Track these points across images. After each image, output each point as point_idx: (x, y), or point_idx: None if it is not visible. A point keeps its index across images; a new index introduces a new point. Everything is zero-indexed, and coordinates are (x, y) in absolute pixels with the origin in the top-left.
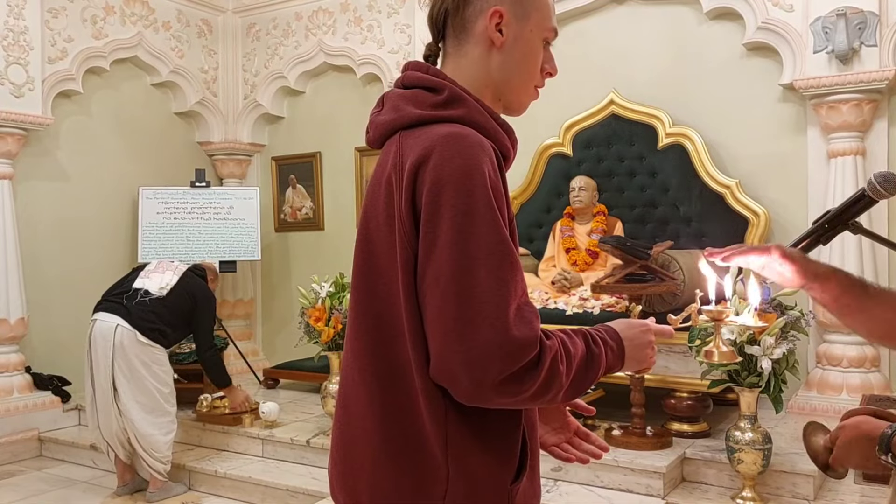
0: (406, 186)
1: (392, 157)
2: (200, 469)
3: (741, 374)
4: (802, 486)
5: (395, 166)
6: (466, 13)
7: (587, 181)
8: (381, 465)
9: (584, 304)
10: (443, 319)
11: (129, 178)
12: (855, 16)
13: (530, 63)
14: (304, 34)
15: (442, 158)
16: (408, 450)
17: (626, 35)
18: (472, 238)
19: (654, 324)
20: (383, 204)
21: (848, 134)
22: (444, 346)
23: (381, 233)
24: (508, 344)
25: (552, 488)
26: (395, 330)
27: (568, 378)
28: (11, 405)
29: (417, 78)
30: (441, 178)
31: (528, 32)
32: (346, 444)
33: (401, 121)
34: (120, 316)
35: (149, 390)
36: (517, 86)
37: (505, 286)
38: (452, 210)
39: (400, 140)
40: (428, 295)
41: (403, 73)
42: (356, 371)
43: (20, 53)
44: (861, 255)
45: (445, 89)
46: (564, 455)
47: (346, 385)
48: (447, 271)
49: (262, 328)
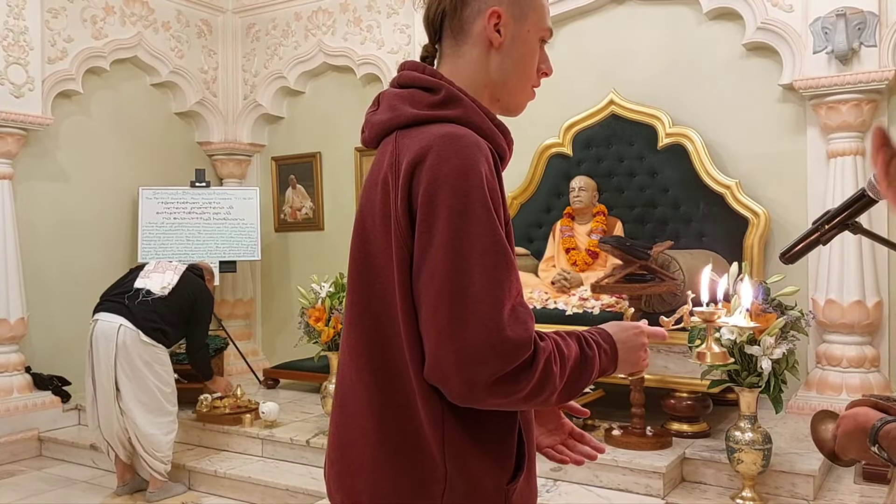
0: (402, 186)
1: (388, 156)
2: (200, 469)
3: (741, 374)
4: (802, 486)
5: (392, 166)
6: (464, 14)
7: (587, 181)
8: (381, 465)
9: (584, 304)
10: (436, 319)
11: (129, 178)
12: (854, 16)
13: (528, 63)
14: (303, 34)
15: (439, 158)
16: (406, 449)
17: (626, 35)
18: (467, 238)
19: (647, 326)
20: (380, 203)
21: (847, 134)
22: (438, 346)
23: (378, 232)
24: (502, 344)
25: (552, 488)
26: (392, 329)
27: (562, 380)
28: (11, 405)
29: (414, 77)
30: (437, 178)
31: (525, 32)
32: (344, 444)
33: (397, 120)
34: (122, 316)
35: (151, 390)
36: (515, 86)
37: (499, 287)
38: (448, 210)
39: (396, 140)
40: (422, 294)
41: (399, 73)
42: (353, 370)
43: (20, 53)
44: (861, 255)
45: (442, 89)
46: (559, 457)
47: (344, 384)
48: (442, 271)
49: (261, 328)
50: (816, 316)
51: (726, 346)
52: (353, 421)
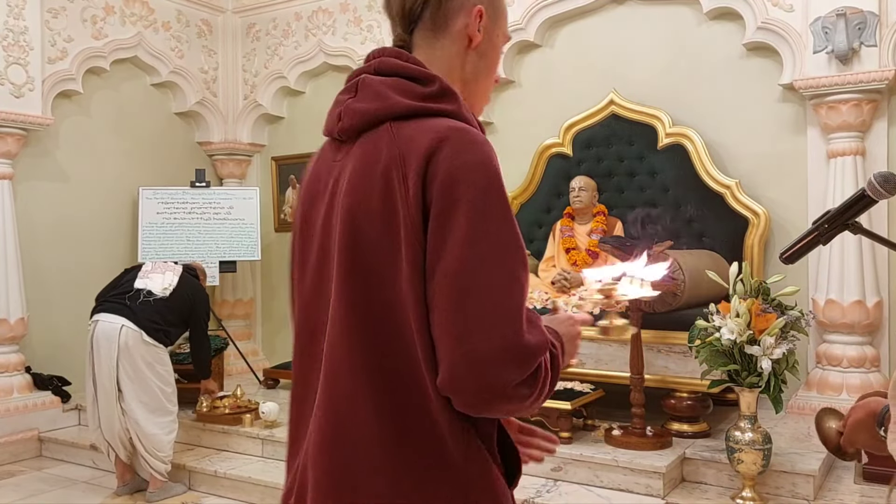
0: (414, 180)
1: (387, 148)
2: (200, 469)
3: (741, 374)
4: (802, 486)
5: (396, 159)
6: (448, 7)
7: (587, 181)
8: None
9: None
10: (453, 323)
11: (129, 178)
12: (855, 16)
13: (495, 66)
14: (303, 34)
15: (454, 152)
16: (427, 451)
17: (626, 35)
18: (487, 236)
19: (576, 315)
20: (379, 198)
21: (848, 134)
22: (454, 352)
23: (377, 230)
24: (522, 350)
25: (552, 488)
26: (401, 330)
27: (554, 381)
28: (11, 405)
29: (396, 66)
30: (455, 172)
31: (496, 36)
32: (341, 449)
33: (390, 110)
34: (124, 317)
35: (152, 390)
36: (482, 86)
37: (519, 289)
38: (468, 205)
39: (392, 131)
40: (436, 295)
41: (377, 59)
42: (350, 375)
43: (20, 53)
44: (861, 255)
45: (436, 81)
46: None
47: (335, 387)
48: (459, 270)
49: (261, 328)
50: (816, 316)
51: (726, 346)
52: (355, 427)
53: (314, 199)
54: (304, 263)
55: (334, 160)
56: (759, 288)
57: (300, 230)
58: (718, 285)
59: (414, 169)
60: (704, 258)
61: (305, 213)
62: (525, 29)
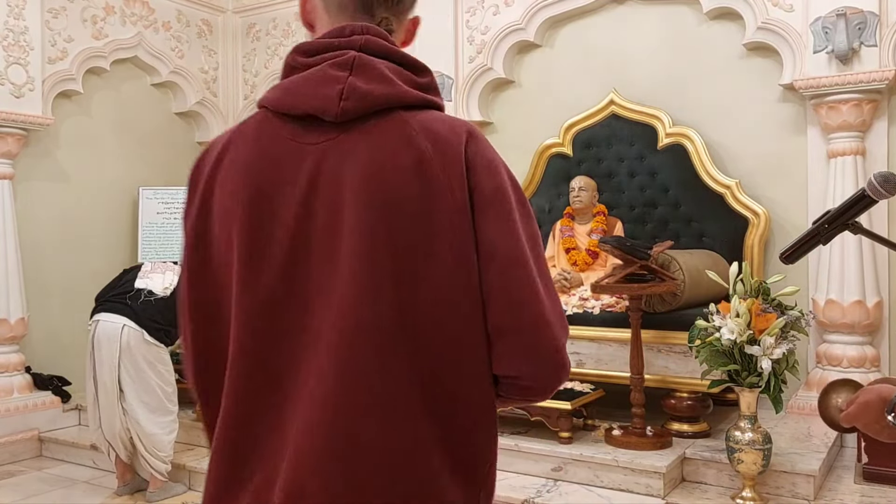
0: (457, 176)
1: (411, 140)
2: (200, 469)
3: (741, 374)
4: (802, 486)
5: (428, 152)
6: (406, 4)
7: (587, 181)
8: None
9: (584, 304)
10: (532, 305)
11: (129, 178)
12: (855, 16)
13: None
14: (304, 34)
15: (482, 146)
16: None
17: (626, 35)
18: (533, 227)
19: None
20: (418, 194)
21: (848, 134)
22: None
23: (418, 226)
24: (566, 333)
25: (552, 488)
26: (454, 326)
27: None
28: (11, 405)
29: (387, 49)
30: (492, 166)
31: None
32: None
33: (401, 98)
34: (125, 316)
35: (154, 390)
36: None
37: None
38: (514, 199)
39: (409, 121)
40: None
41: (363, 37)
42: (380, 372)
43: (20, 53)
44: (861, 255)
45: (429, 73)
46: None
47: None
48: (522, 261)
49: None
50: (816, 316)
51: (726, 346)
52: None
53: (274, 186)
54: (259, 261)
55: (305, 142)
56: (759, 288)
57: (247, 222)
58: (718, 285)
59: (454, 164)
60: (704, 258)
61: (255, 203)
62: (525, 29)
